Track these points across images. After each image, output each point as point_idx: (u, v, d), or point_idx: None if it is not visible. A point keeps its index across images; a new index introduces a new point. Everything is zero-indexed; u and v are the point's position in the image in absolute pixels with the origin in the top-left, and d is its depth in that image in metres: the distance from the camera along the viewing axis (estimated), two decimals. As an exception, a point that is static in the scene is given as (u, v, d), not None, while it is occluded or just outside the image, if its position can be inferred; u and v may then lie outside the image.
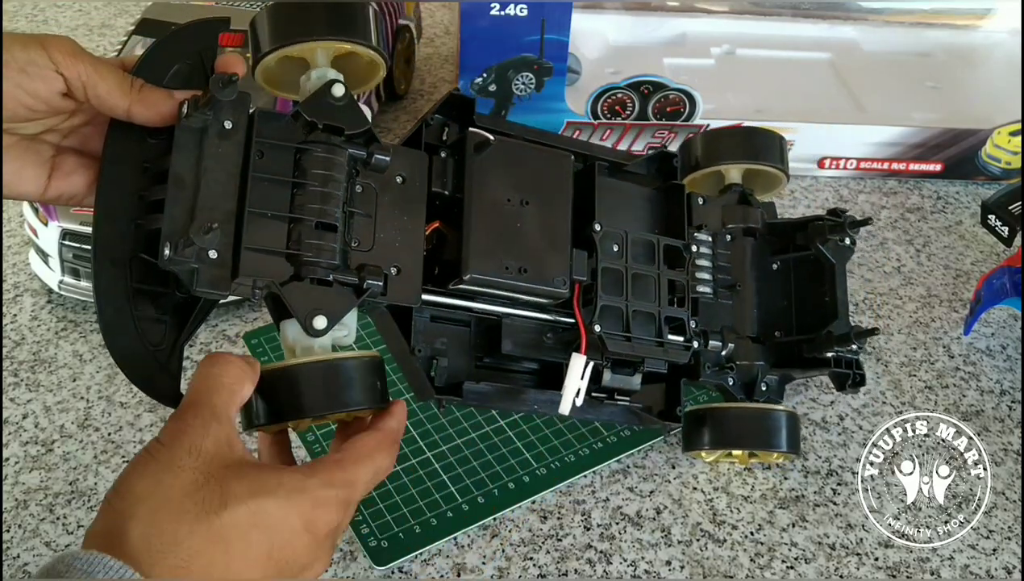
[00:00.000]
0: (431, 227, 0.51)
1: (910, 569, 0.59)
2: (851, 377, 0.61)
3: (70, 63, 0.43)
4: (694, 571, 0.58)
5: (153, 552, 0.36)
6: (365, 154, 0.48)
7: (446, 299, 0.52)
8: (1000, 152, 0.93)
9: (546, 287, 0.53)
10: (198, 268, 0.43)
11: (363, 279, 0.46)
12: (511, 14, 0.83)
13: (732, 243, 0.64)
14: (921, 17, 1.12)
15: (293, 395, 0.45)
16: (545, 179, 0.55)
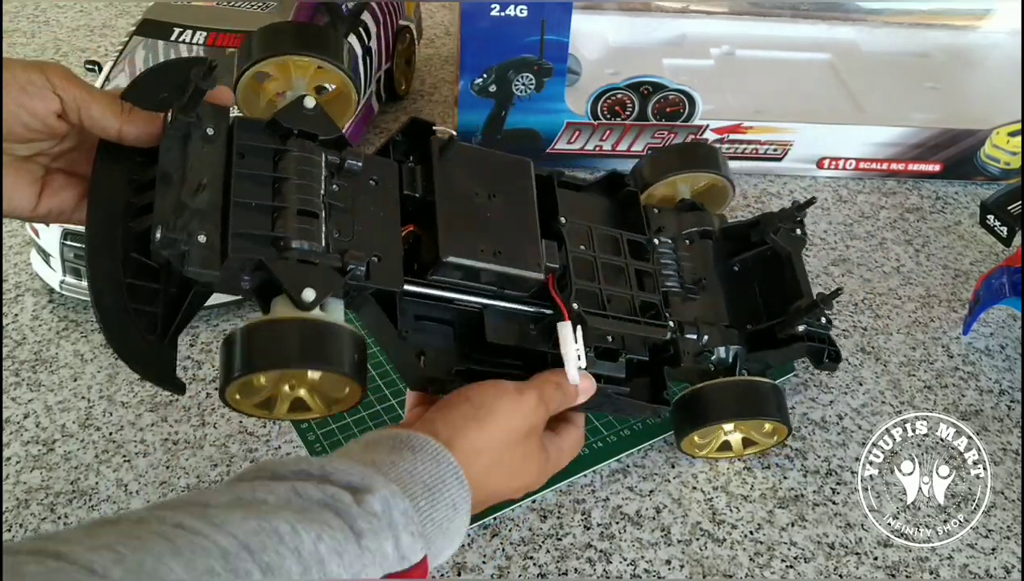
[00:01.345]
0: (405, 230, 0.53)
1: (909, 568, 0.59)
2: (826, 352, 0.64)
3: (66, 85, 0.46)
4: (694, 570, 0.59)
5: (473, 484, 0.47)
6: (339, 159, 0.51)
7: (428, 290, 0.53)
8: (999, 152, 0.94)
9: (522, 270, 0.54)
10: (188, 250, 0.45)
11: (346, 263, 0.48)
12: (511, 15, 0.83)
13: (691, 246, 0.67)
14: (920, 18, 1.12)
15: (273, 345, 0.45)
16: (509, 177, 0.58)
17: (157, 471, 0.63)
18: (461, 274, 0.53)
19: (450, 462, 0.46)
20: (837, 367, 0.66)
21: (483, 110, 0.90)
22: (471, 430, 0.49)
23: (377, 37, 0.94)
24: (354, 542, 0.40)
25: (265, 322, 0.46)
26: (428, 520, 0.44)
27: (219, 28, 0.83)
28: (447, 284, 0.54)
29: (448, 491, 0.45)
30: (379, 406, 0.68)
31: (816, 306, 0.62)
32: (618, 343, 0.59)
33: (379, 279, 0.50)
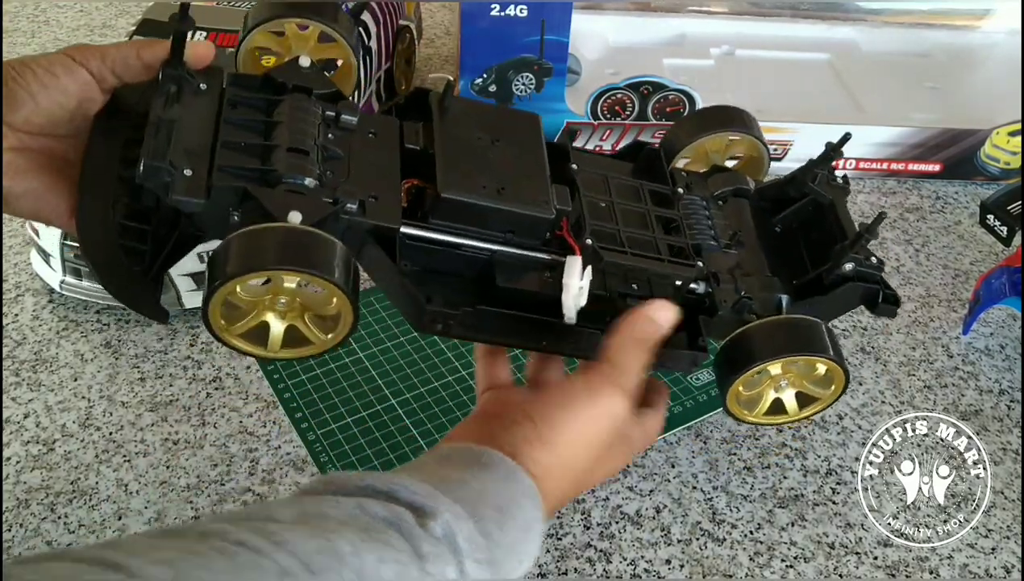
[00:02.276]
0: (407, 183, 0.51)
1: (909, 568, 0.59)
2: (880, 294, 0.57)
3: (84, 53, 0.48)
4: (693, 570, 0.59)
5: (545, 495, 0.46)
6: (335, 113, 0.51)
7: (430, 233, 0.51)
8: (999, 152, 0.94)
9: (529, 209, 0.51)
10: (171, 180, 0.45)
11: (338, 198, 0.47)
12: (511, 15, 0.83)
13: (726, 205, 0.61)
14: (920, 18, 1.12)
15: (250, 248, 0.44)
16: (515, 127, 0.55)
17: (157, 471, 0.63)
18: (463, 215, 0.50)
19: (523, 481, 0.44)
20: (896, 312, 0.58)
21: (483, 110, 0.90)
22: (538, 451, 0.46)
23: (377, 37, 0.94)
24: (416, 565, 0.38)
25: (244, 231, 0.44)
26: (496, 545, 0.42)
27: (219, 28, 0.83)
28: (452, 229, 0.51)
29: (521, 512, 0.43)
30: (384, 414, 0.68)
31: (860, 237, 0.56)
32: (644, 290, 0.55)
33: (375, 215, 0.48)
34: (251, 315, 0.46)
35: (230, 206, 0.46)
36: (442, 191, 0.49)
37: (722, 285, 0.56)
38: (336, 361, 0.71)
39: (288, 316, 0.46)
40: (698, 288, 0.56)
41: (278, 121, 0.49)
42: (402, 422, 0.67)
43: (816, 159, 0.61)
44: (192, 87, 0.49)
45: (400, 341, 0.73)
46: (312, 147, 0.48)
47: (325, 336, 0.47)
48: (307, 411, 0.67)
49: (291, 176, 0.46)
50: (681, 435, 0.67)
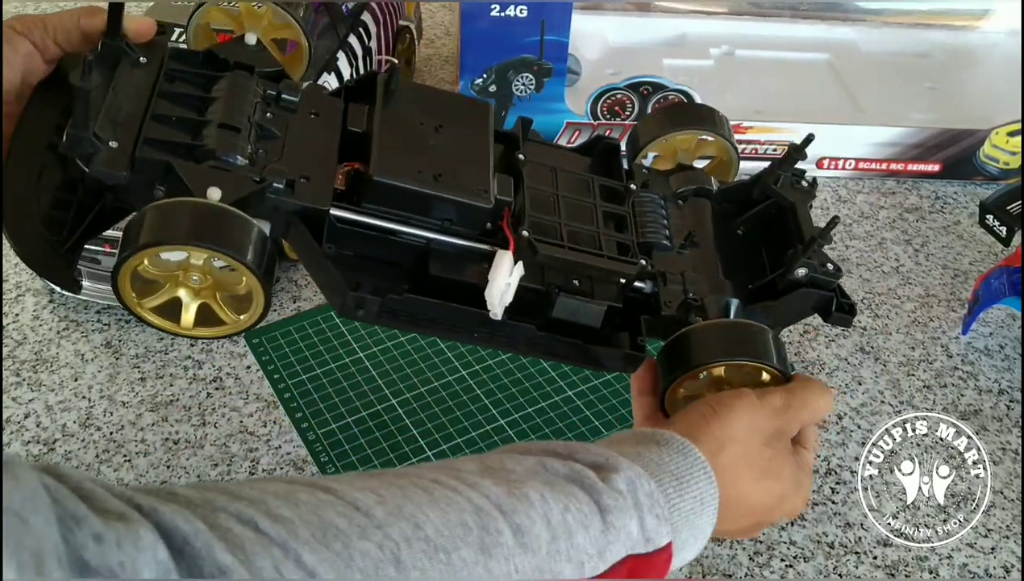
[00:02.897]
0: (348, 166, 0.49)
1: (909, 568, 0.60)
2: (835, 302, 0.55)
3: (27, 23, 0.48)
4: (693, 570, 0.59)
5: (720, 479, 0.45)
6: (276, 92, 0.50)
7: (362, 217, 0.49)
8: (998, 152, 0.94)
9: (466, 197, 0.49)
10: (94, 152, 0.44)
11: (265, 177, 0.46)
12: (511, 15, 0.83)
13: (685, 204, 0.59)
14: (919, 18, 1.12)
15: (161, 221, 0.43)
16: (463, 114, 0.53)
17: (157, 471, 0.63)
18: (398, 200, 0.49)
19: (697, 456, 0.44)
20: (851, 321, 0.56)
21: (483, 110, 0.90)
22: (711, 424, 0.46)
23: (377, 37, 0.94)
24: (599, 517, 0.40)
25: (158, 203, 0.43)
26: (675, 509, 0.42)
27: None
28: (386, 214, 0.49)
29: (696, 484, 0.44)
30: (384, 414, 0.68)
31: (812, 242, 0.53)
32: (586, 286, 0.52)
33: (304, 196, 0.47)
34: (163, 290, 0.45)
35: (155, 180, 0.45)
36: (374, 174, 0.47)
37: (669, 285, 0.54)
38: (336, 361, 0.71)
39: (201, 294, 0.46)
40: (644, 287, 0.54)
41: (215, 97, 0.48)
42: (402, 422, 0.67)
43: (779, 160, 0.59)
44: (131, 60, 0.48)
45: (400, 341, 0.73)
46: (245, 124, 0.47)
47: (237, 317, 0.46)
48: (307, 411, 0.67)
49: (220, 153, 0.45)
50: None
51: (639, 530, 0.41)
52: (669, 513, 0.42)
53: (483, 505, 0.37)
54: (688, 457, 0.44)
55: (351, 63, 0.89)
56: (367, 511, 0.35)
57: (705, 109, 0.62)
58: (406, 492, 0.37)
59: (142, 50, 0.49)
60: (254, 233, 0.43)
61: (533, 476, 0.40)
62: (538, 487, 0.39)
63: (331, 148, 0.49)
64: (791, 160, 0.59)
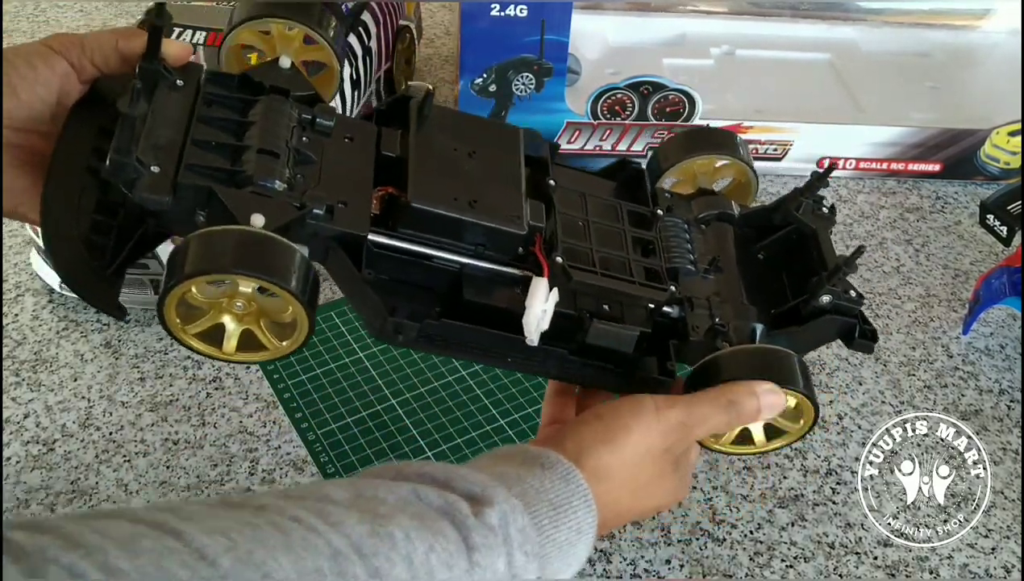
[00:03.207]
0: (382, 191, 0.50)
1: (909, 568, 0.59)
2: (857, 328, 0.56)
3: (64, 42, 0.47)
4: (693, 570, 0.59)
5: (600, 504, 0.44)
6: (311, 116, 0.50)
7: (398, 242, 0.49)
8: (999, 152, 0.94)
9: (500, 223, 0.50)
10: (137, 177, 0.44)
11: (305, 202, 0.46)
12: (511, 15, 0.83)
13: (708, 229, 0.60)
14: (920, 17, 1.12)
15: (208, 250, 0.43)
16: (494, 139, 0.54)
17: (157, 471, 0.63)
18: (434, 226, 0.49)
19: (579, 484, 0.44)
20: (873, 347, 0.57)
21: (483, 110, 0.90)
22: (602, 450, 0.46)
23: (377, 37, 0.94)
24: (465, 557, 0.39)
25: (204, 231, 0.43)
26: (549, 541, 0.42)
27: (219, 28, 0.83)
28: (421, 239, 0.50)
29: (574, 513, 0.43)
30: (384, 414, 0.68)
31: (838, 270, 0.54)
32: (616, 311, 0.54)
33: (343, 222, 0.47)
34: (207, 316, 0.45)
35: (196, 206, 0.45)
36: (412, 200, 0.48)
37: (696, 310, 0.55)
38: (336, 361, 0.71)
39: (244, 319, 0.46)
40: (671, 312, 0.55)
41: (252, 122, 0.48)
42: (402, 422, 0.67)
43: (802, 187, 0.60)
44: (168, 83, 0.48)
45: (400, 341, 0.73)
46: (284, 149, 0.47)
47: (280, 343, 0.46)
48: (307, 411, 0.67)
49: (260, 178, 0.46)
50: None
51: (506, 567, 0.40)
52: (541, 547, 0.42)
53: (341, 548, 0.36)
54: (571, 484, 0.44)
55: (351, 63, 0.89)
56: (213, 560, 0.33)
57: (724, 133, 0.64)
58: (260, 534, 0.35)
59: (178, 73, 0.49)
60: (299, 261, 0.43)
61: (403, 508, 0.39)
62: (405, 523, 0.38)
63: (367, 173, 0.50)
64: (813, 187, 0.60)
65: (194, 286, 0.43)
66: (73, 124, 0.48)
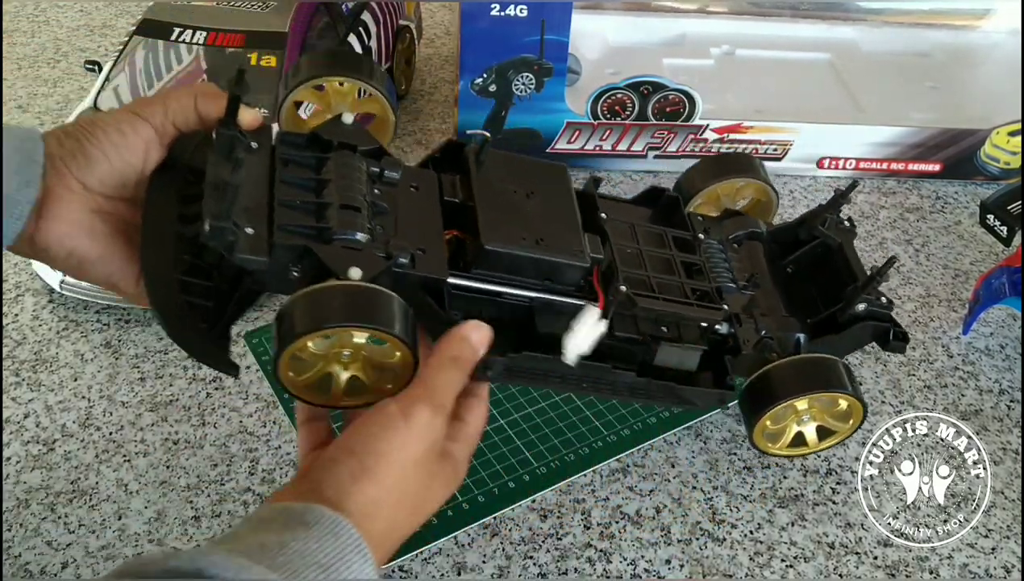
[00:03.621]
0: (449, 234, 0.54)
1: (909, 568, 0.59)
2: (891, 332, 0.62)
3: (149, 108, 0.49)
4: (694, 570, 0.59)
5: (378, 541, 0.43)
6: (378, 168, 0.53)
7: (473, 282, 0.53)
8: (999, 152, 0.94)
9: (565, 258, 0.54)
10: (235, 240, 0.47)
11: (391, 252, 0.49)
12: (511, 14, 0.83)
13: (741, 248, 0.66)
14: (920, 17, 1.12)
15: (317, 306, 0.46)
16: (546, 179, 0.58)
17: (157, 471, 0.63)
18: (505, 265, 0.53)
19: (351, 534, 0.41)
20: (905, 348, 0.64)
21: (483, 110, 0.90)
22: (365, 485, 0.44)
23: (377, 37, 0.94)
24: None
25: (309, 290, 0.46)
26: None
27: (219, 28, 0.83)
28: (493, 278, 0.54)
29: (348, 568, 0.40)
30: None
31: (872, 279, 0.60)
32: (673, 332, 0.58)
33: (425, 267, 0.51)
34: (316, 368, 0.48)
35: (290, 262, 0.48)
36: (485, 243, 0.52)
37: (744, 325, 0.60)
38: (336, 361, 0.71)
39: (351, 366, 0.48)
40: (721, 329, 0.59)
41: (328, 178, 0.51)
42: (402, 422, 0.67)
43: (825, 204, 0.66)
44: (244, 145, 0.51)
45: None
46: (362, 203, 0.51)
47: (385, 386, 0.49)
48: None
49: (345, 232, 0.49)
50: (681, 435, 0.67)
51: None
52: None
53: None
54: (340, 538, 0.41)
55: (351, 63, 0.89)
56: None
57: (744, 156, 0.71)
58: None
59: (252, 136, 0.52)
60: (401, 306, 0.47)
61: None
62: None
63: (436, 220, 0.54)
64: (836, 204, 0.66)
65: (310, 342, 0.46)
66: (154, 193, 0.50)
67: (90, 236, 0.48)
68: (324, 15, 0.88)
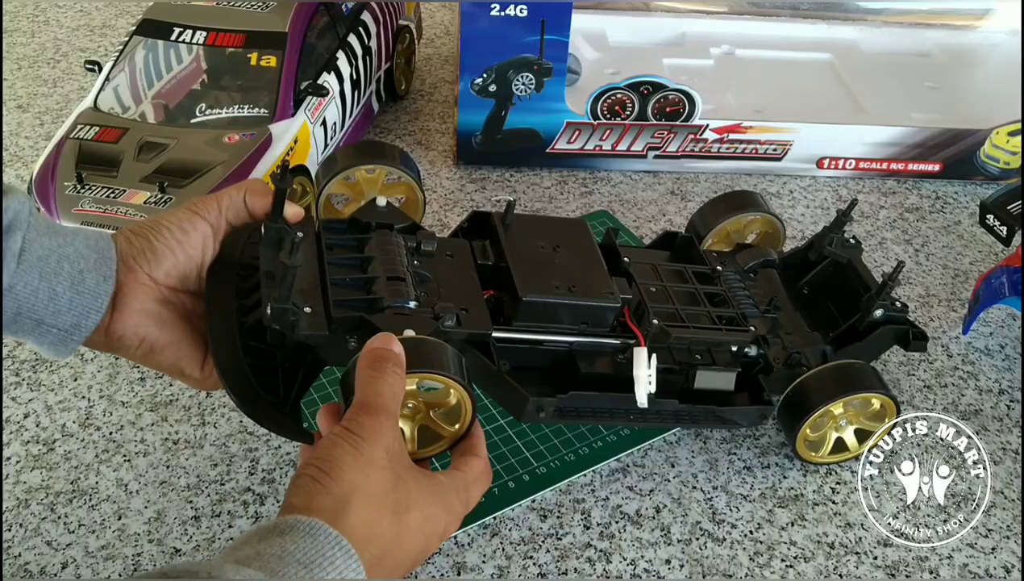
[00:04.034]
0: (487, 294, 0.59)
1: (909, 568, 0.59)
2: (909, 332, 0.66)
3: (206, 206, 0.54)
4: (693, 570, 0.59)
5: (361, 540, 0.42)
6: (415, 242, 0.59)
7: (516, 334, 0.58)
8: (999, 152, 0.94)
9: (598, 301, 0.58)
10: (296, 319, 0.51)
11: (438, 313, 0.54)
12: (511, 14, 0.83)
13: (757, 276, 0.70)
14: (920, 17, 1.12)
15: None
16: (568, 233, 0.64)
17: (157, 471, 0.63)
18: (543, 314, 0.58)
19: (326, 532, 0.41)
20: (926, 347, 0.67)
21: (483, 110, 0.90)
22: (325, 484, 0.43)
23: (377, 37, 0.94)
24: None
25: None
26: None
27: (219, 28, 0.83)
28: (533, 327, 0.58)
29: (331, 563, 0.40)
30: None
31: (885, 285, 0.64)
32: (707, 359, 0.62)
33: (470, 325, 0.56)
34: None
35: (347, 334, 0.53)
36: (523, 295, 0.57)
37: (771, 346, 0.64)
38: (336, 361, 0.71)
39: (416, 418, 0.52)
40: (751, 351, 0.63)
41: (371, 256, 0.57)
42: (402, 422, 0.67)
43: (829, 226, 0.70)
44: (291, 236, 0.54)
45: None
46: (406, 273, 0.56)
47: (452, 427, 0.52)
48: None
49: (395, 301, 0.54)
50: (681, 435, 0.67)
51: None
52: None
53: None
54: (316, 537, 0.40)
55: (351, 62, 0.89)
56: None
57: (746, 193, 0.74)
58: None
59: (298, 227, 0.56)
60: (453, 353, 0.51)
61: None
62: None
63: (474, 282, 0.59)
64: (840, 223, 0.69)
65: None
66: (214, 291, 0.55)
67: (159, 324, 0.52)
68: (324, 15, 0.88)
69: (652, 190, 0.93)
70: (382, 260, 0.56)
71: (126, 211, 0.71)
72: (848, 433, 0.64)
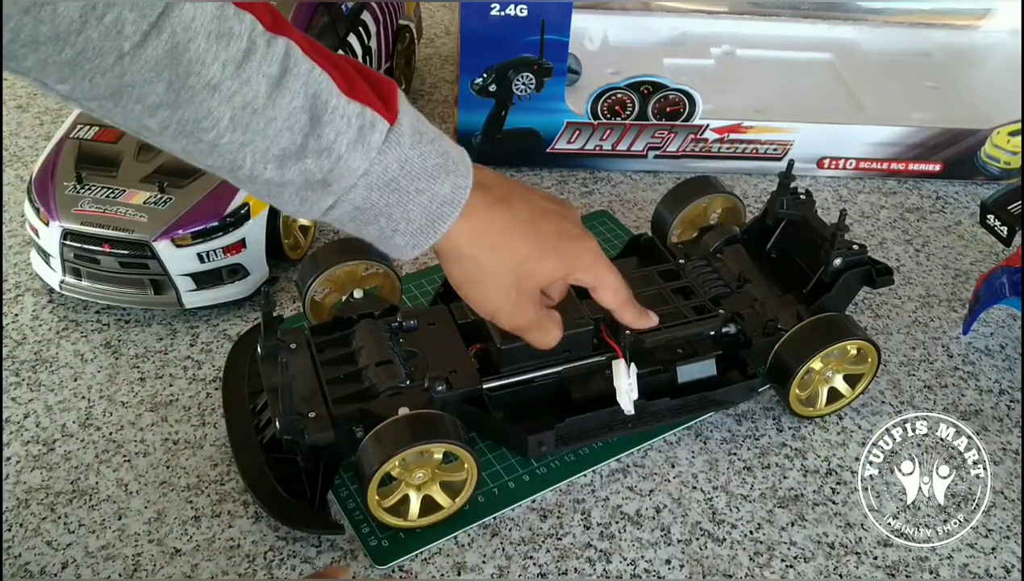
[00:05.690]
0: (474, 348, 0.63)
1: (909, 568, 0.59)
2: (872, 271, 0.69)
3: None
4: (693, 570, 0.59)
5: None
6: (397, 322, 0.63)
7: (505, 380, 0.61)
8: (999, 152, 0.94)
9: (572, 330, 0.60)
10: (303, 427, 0.57)
11: (428, 384, 0.59)
12: (511, 14, 0.83)
13: (723, 255, 0.73)
14: (921, 17, 1.12)
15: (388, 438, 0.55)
16: None
17: (157, 471, 0.63)
18: (525, 355, 0.60)
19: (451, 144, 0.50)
20: (892, 279, 0.71)
21: (483, 110, 0.90)
22: None
23: (377, 37, 0.94)
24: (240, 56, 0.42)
25: (377, 430, 0.55)
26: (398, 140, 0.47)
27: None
28: (520, 368, 0.62)
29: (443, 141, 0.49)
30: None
31: (835, 235, 0.68)
32: (688, 350, 0.65)
33: (461, 385, 0.60)
34: (397, 491, 0.57)
35: (352, 425, 0.57)
36: (502, 346, 0.60)
37: (748, 320, 0.67)
38: (336, 361, 0.71)
39: (423, 487, 0.58)
40: (729, 330, 0.66)
41: (360, 346, 0.61)
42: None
43: (776, 190, 0.73)
44: (286, 349, 0.61)
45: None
46: (393, 355, 0.61)
47: (453, 500, 0.59)
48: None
49: (387, 383, 0.59)
50: (681, 435, 0.67)
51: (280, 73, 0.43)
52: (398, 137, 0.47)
53: None
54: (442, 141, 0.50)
55: (351, 63, 0.89)
56: None
57: (698, 179, 0.77)
58: None
59: (289, 337, 0.63)
60: (455, 423, 0.56)
61: None
62: None
63: (458, 343, 0.64)
64: (784, 186, 0.73)
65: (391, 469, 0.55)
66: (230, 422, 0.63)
67: None
68: (324, 15, 0.87)
69: (652, 190, 0.92)
70: (369, 349, 0.61)
71: (126, 211, 0.71)
72: (838, 381, 0.67)
